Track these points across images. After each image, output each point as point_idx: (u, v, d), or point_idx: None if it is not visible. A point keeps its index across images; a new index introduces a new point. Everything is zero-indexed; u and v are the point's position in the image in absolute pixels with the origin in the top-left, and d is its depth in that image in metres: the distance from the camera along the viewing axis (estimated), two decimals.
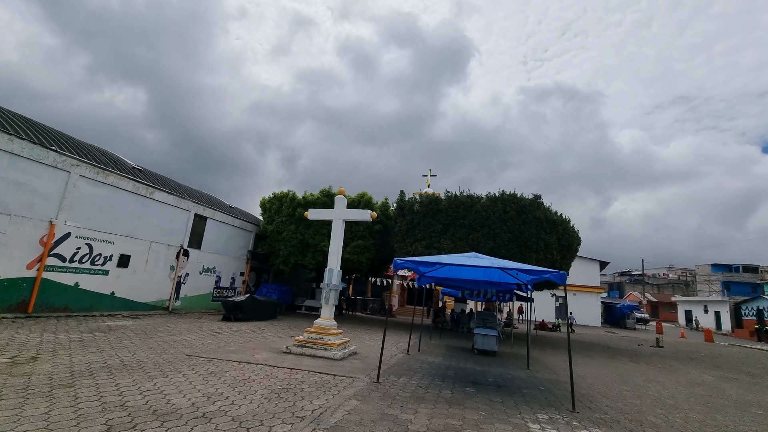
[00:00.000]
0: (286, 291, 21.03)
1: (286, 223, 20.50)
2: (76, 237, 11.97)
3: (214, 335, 10.55)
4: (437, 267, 9.18)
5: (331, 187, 20.65)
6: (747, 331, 34.47)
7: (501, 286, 10.89)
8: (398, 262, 6.97)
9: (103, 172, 12.76)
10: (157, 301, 15.25)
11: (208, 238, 18.14)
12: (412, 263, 7.14)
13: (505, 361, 10.88)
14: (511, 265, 7.19)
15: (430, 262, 7.07)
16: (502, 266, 6.97)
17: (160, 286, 15.34)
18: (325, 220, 9.98)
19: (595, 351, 16.56)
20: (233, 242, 20.14)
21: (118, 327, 10.43)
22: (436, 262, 7.02)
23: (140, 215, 14.34)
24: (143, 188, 14.39)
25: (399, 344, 12.53)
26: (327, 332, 8.76)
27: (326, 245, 19.74)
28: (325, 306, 9.15)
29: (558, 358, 12.58)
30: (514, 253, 17.55)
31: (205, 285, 18.05)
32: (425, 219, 18.64)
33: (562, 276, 6.46)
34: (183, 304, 16.61)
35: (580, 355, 14.48)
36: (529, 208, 18.03)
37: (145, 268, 14.57)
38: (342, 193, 9.84)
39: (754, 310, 35.28)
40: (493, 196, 18.66)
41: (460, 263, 6.96)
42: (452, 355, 11.07)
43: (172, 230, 15.93)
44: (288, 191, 21.16)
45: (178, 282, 16.25)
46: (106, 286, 13.05)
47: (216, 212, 18.64)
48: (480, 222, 17.84)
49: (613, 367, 12.11)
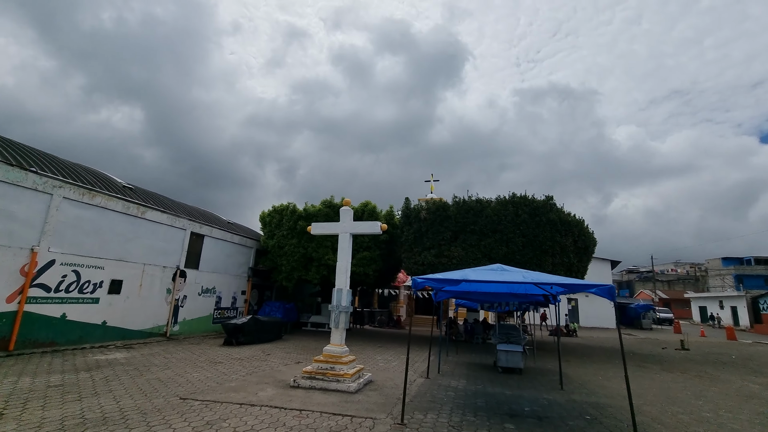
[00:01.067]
0: (291, 308, 20.07)
1: (288, 237, 19.60)
2: (61, 264, 11.07)
3: (214, 366, 9.59)
4: (462, 284, 8.27)
5: (333, 198, 19.79)
6: (767, 326, 33.37)
7: (525, 298, 9.95)
8: (418, 281, 6.07)
9: (89, 193, 11.90)
10: (154, 327, 14.29)
11: (206, 256, 17.23)
12: (434, 281, 6.24)
13: (533, 380, 9.90)
14: (546, 278, 6.29)
15: (454, 279, 6.18)
16: (537, 281, 6.07)
17: (156, 312, 14.39)
18: (331, 234, 9.08)
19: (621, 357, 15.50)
20: (233, 260, 19.23)
21: (107, 362, 9.48)
22: (462, 279, 6.12)
23: (132, 237, 13.45)
24: (134, 208, 13.52)
25: (415, 364, 11.55)
26: (338, 360, 7.82)
27: (330, 259, 18.86)
28: (335, 330, 8.22)
29: (587, 371, 11.59)
30: (530, 258, 16.63)
31: (205, 307, 17.10)
32: (433, 226, 17.75)
33: (610, 291, 5.56)
34: (182, 329, 15.64)
35: (607, 363, 13.48)
36: (542, 210, 17.15)
37: (139, 293, 13.64)
38: (348, 204, 8.97)
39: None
40: (503, 199, 17.79)
41: (489, 279, 6.06)
42: (476, 376, 10.10)
43: (167, 251, 15.03)
44: (288, 203, 20.29)
45: (175, 305, 15.30)
46: (97, 316, 12.11)
47: (213, 229, 17.75)
48: (491, 227, 16.95)
49: (649, 378, 11.12)
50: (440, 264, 17.06)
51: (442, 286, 6.59)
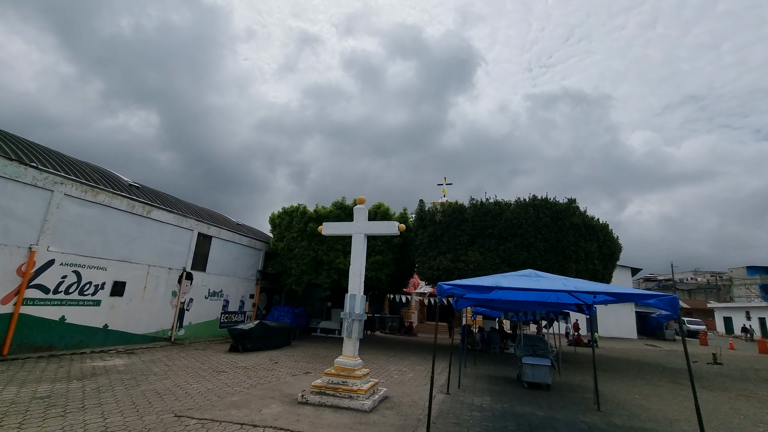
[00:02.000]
0: (300, 313, 19.39)
1: (297, 239, 18.98)
2: (61, 264, 10.56)
3: (217, 376, 8.92)
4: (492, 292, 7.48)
5: (344, 199, 19.13)
6: None
7: (557, 307, 9.08)
8: (444, 287, 5.32)
9: (92, 190, 11.41)
10: (158, 331, 13.73)
11: (214, 258, 16.68)
12: (463, 288, 5.46)
13: (564, 398, 8.99)
14: (590, 287, 5.46)
15: (485, 286, 5.40)
16: (582, 289, 5.25)
17: (160, 315, 13.84)
18: (343, 235, 8.37)
19: (651, 372, 14.45)
20: (241, 262, 18.66)
21: (105, 369, 8.87)
22: (494, 286, 5.34)
23: (136, 237, 12.94)
24: (139, 206, 13.02)
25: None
26: (351, 374, 7.06)
27: (341, 262, 18.15)
28: (348, 341, 7.47)
29: (620, 388, 10.60)
30: (552, 264, 15.68)
31: (212, 311, 16.52)
32: (449, 230, 16.93)
33: (673, 302, 4.72)
34: (187, 334, 15.06)
35: (638, 378, 12.45)
36: (565, 214, 16.21)
37: (143, 296, 13.10)
38: (362, 202, 8.25)
39: None
40: (523, 201, 16.89)
41: (525, 287, 5.27)
42: (500, 392, 9.23)
43: (173, 252, 14.51)
44: (298, 205, 19.70)
45: (181, 309, 14.74)
46: (98, 319, 11.58)
47: (221, 230, 17.22)
48: (511, 231, 16.06)
49: (689, 398, 10.09)
50: (456, 269, 16.23)
51: (471, 294, 5.80)
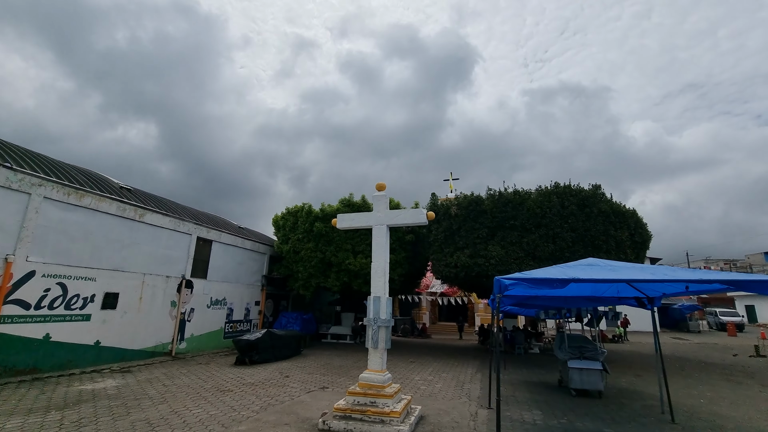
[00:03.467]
0: (309, 319, 18.23)
1: (303, 240, 17.81)
2: (43, 276, 9.43)
3: (221, 397, 7.74)
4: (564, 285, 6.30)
5: (352, 195, 17.95)
6: None
7: (612, 301, 7.88)
8: (505, 282, 4.16)
9: (75, 193, 10.29)
10: (157, 345, 12.57)
11: (215, 264, 15.54)
12: (527, 283, 4.28)
13: (624, 406, 7.77)
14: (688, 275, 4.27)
15: (557, 279, 4.22)
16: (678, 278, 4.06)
17: (159, 328, 12.69)
18: (361, 228, 7.21)
19: (695, 368, 13.18)
20: (245, 267, 17.52)
21: (93, 394, 7.71)
22: (569, 278, 4.16)
23: (129, 243, 11.81)
24: (131, 210, 11.88)
25: (464, 385, 9.52)
26: (381, 393, 5.88)
27: (351, 263, 16.97)
28: (373, 352, 6.28)
29: (675, 389, 9.35)
30: (581, 255, 14.35)
31: (215, 320, 15.36)
32: (466, 223, 15.74)
33: None
34: (189, 346, 13.90)
35: (687, 378, 11.19)
36: (592, 201, 15.01)
37: (139, 307, 11.95)
38: (382, 188, 7.07)
39: None
40: (544, 189, 15.69)
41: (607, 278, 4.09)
42: (547, 402, 8.01)
43: (170, 258, 13.36)
44: (303, 204, 18.54)
45: (181, 320, 13.60)
46: (89, 335, 10.44)
47: (222, 234, 16.07)
48: (534, 221, 14.86)
49: (756, 397, 8.85)
50: (476, 265, 15.04)
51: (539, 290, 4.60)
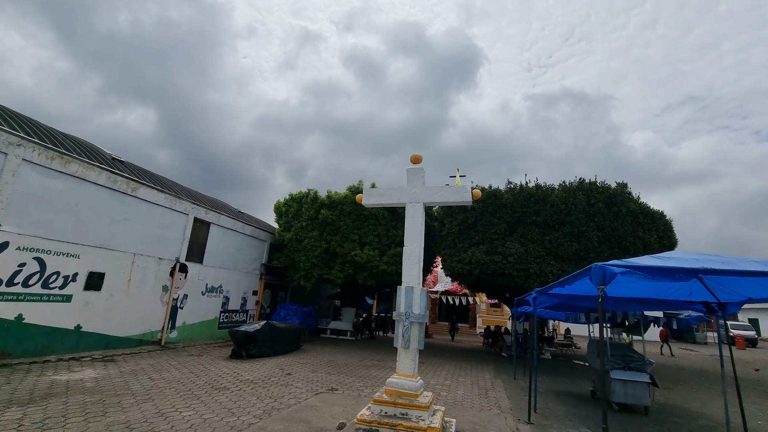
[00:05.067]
0: (309, 312, 17.15)
1: (307, 228, 16.74)
2: (18, 249, 8.31)
3: (216, 396, 6.68)
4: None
5: (361, 183, 16.89)
6: None
7: (666, 306, 6.87)
8: (613, 270, 3.14)
9: (60, 158, 9.15)
10: (145, 333, 11.48)
11: (212, 248, 14.43)
12: (646, 272, 3.27)
13: (675, 425, 6.79)
14: None
15: (681, 268, 3.20)
16: None
17: (148, 314, 11.59)
18: (392, 205, 6.15)
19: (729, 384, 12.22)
20: (243, 254, 16.42)
21: (66, 387, 6.63)
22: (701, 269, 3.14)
23: (119, 219, 10.69)
24: (122, 182, 10.76)
25: (488, 393, 8.50)
26: (414, 403, 4.83)
27: (358, 254, 15.90)
28: (405, 353, 5.24)
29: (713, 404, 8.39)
30: (607, 257, 13.47)
31: (210, 309, 14.27)
32: (483, 217, 14.71)
33: None
34: (181, 336, 12.81)
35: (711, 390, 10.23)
36: (620, 199, 14.03)
37: (128, 290, 10.85)
38: (417, 161, 6.00)
39: None
40: (569, 185, 14.70)
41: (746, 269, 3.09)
42: (589, 418, 7.01)
43: (164, 239, 12.25)
44: (308, 190, 17.46)
45: (173, 306, 12.50)
46: (68, 318, 9.33)
47: (221, 216, 14.96)
48: (558, 218, 13.86)
49: None
50: (492, 263, 14.03)
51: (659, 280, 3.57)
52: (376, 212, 16.19)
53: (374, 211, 16.14)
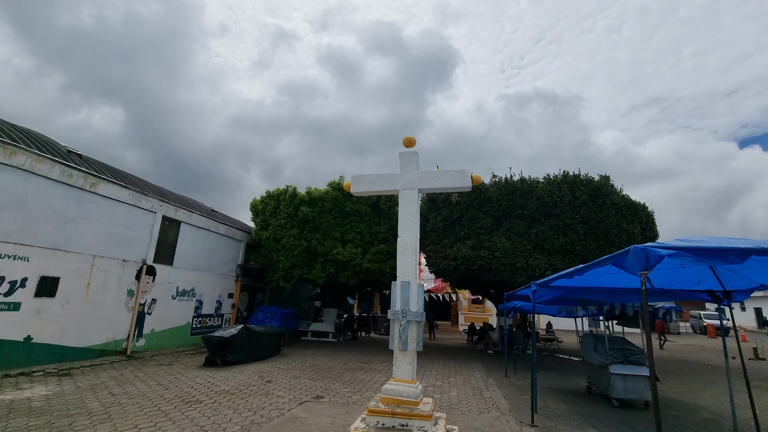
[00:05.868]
0: (289, 315, 16.38)
1: (286, 227, 15.95)
2: None
3: (188, 411, 5.93)
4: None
5: (342, 179, 16.23)
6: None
7: (669, 297, 6.62)
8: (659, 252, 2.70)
9: (4, 148, 8.11)
10: (108, 342, 10.48)
11: (184, 249, 13.46)
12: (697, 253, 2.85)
13: (686, 422, 6.53)
14: None
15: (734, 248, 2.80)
16: None
17: (112, 321, 10.59)
18: (383, 193, 5.58)
19: (713, 373, 12.33)
20: (218, 255, 15.47)
21: (7, 409, 5.72)
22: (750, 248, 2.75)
23: (76, 217, 9.67)
24: (79, 177, 9.74)
25: (483, 393, 8.07)
26: (414, 412, 4.29)
27: (340, 253, 15.23)
28: (402, 356, 4.69)
29: (707, 396, 8.27)
30: (592, 250, 13.39)
31: (181, 314, 13.30)
32: (469, 212, 14.37)
33: None
34: (149, 344, 11.83)
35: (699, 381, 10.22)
36: (604, 191, 13.99)
37: (87, 296, 9.84)
38: (411, 144, 5.46)
39: None
40: (554, 178, 14.56)
41: None
42: (592, 415, 6.67)
43: (129, 239, 11.26)
44: (287, 187, 16.66)
45: (140, 312, 11.51)
46: (16, 329, 8.30)
47: (193, 215, 13.99)
48: (544, 211, 13.67)
49: None
50: (478, 258, 13.69)
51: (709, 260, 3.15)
52: (359, 209, 15.59)
53: (356, 207, 15.55)
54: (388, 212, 15.97)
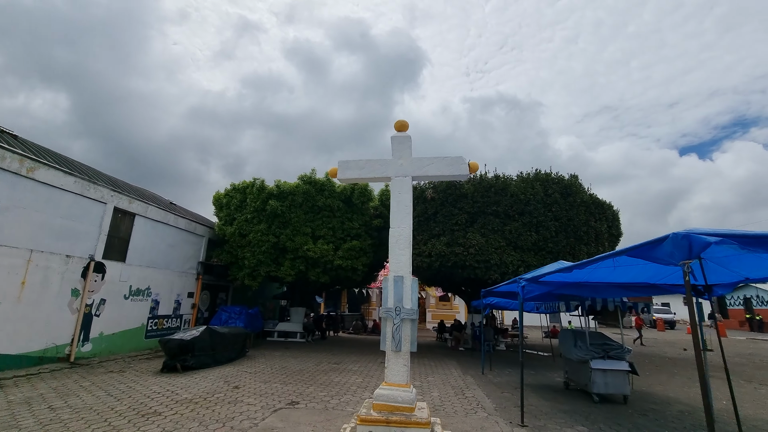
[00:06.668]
0: (255, 315, 15.50)
1: (253, 221, 15.07)
2: None
3: (141, 426, 5.20)
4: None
5: (314, 172, 15.56)
6: (736, 321, 33.73)
7: (653, 290, 6.64)
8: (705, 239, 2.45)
9: None
10: (48, 348, 9.30)
11: (138, 244, 12.30)
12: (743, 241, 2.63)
13: (656, 413, 6.58)
14: None
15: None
16: None
17: (52, 324, 9.40)
18: (373, 179, 5.12)
19: (671, 364, 12.89)
20: (177, 251, 14.33)
21: None
22: None
23: (8, 206, 8.46)
24: (14, 160, 8.53)
25: (465, 392, 7.82)
26: (411, 419, 3.89)
27: (311, 249, 14.55)
28: (395, 357, 4.28)
29: (674, 386, 8.53)
30: (563, 247, 13.61)
31: (135, 315, 12.15)
32: (444, 208, 14.21)
33: None
34: (96, 349, 10.67)
35: (677, 375, 10.64)
36: (574, 189, 14.27)
37: (20, 296, 8.65)
38: (403, 128, 5.05)
39: (741, 299, 34.72)
40: (526, 176, 14.69)
41: None
42: (576, 411, 6.57)
43: (74, 232, 10.07)
44: (254, 179, 15.75)
45: (87, 314, 10.35)
46: None
47: (150, 207, 12.84)
48: (518, 208, 13.72)
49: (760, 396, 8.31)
50: (453, 254, 13.55)
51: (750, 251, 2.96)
52: (331, 203, 15.01)
53: (329, 202, 14.96)
54: (362, 207, 15.50)
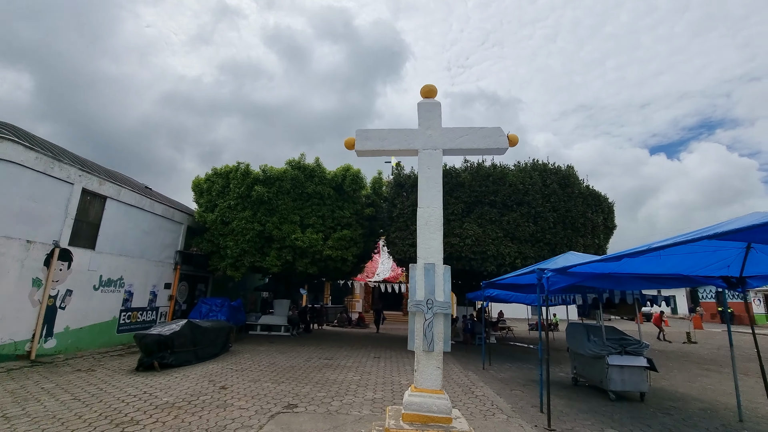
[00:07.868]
0: (238, 307, 14.63)
1: (237, 208, 14.10)
2: None
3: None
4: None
5: (303, 156, 14.66)
6: (708, 314, 34.95)
7: (684, 282, 6.26)
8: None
9: None
10: (4, 344, 8.23)
11: (110, 230, 11.20)
12: None
13: (679, 411, 6.26)
14: None
15: None
16: None
17: (9, 318, 8.33)
18: (397, 152, 4.42)
19: (664, 358, 12.86)
20: (153, 239, 13.24)
21: None
22: None
23: None
24: None
25: (473, 390, 7.31)
26: (451, 431, 3.28)
27: (299, 238, 13.72)
28: (427, 358, 3.65)
29: (681, 381, 8.33)
30: (561, 238, 13.30)
31: (105, 307, 11.09)
32: None
33: None
34: (61, 345, 9.61)
35: (675, 369, 10.54)
36: (571, 180, 13.98)
37: None
38: (432, 94, 4.37)
39: (713, 293, 35.96)
40: (523, 165, 14.28)
41: None
42: (597, 411, 6.16)
43: (35, 216, 8.95)
44: (238, 163, 14.72)
45: (50, 307, 9.27)
46: None
47: (123, 190, 11.71)
48: (516, 198, 13.32)
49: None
50: (449, 245, 12.99)
51: None
52: (321, 190, 14.19)
53: (319, 189, 14.14)
54: (353, 196, 14.76)
